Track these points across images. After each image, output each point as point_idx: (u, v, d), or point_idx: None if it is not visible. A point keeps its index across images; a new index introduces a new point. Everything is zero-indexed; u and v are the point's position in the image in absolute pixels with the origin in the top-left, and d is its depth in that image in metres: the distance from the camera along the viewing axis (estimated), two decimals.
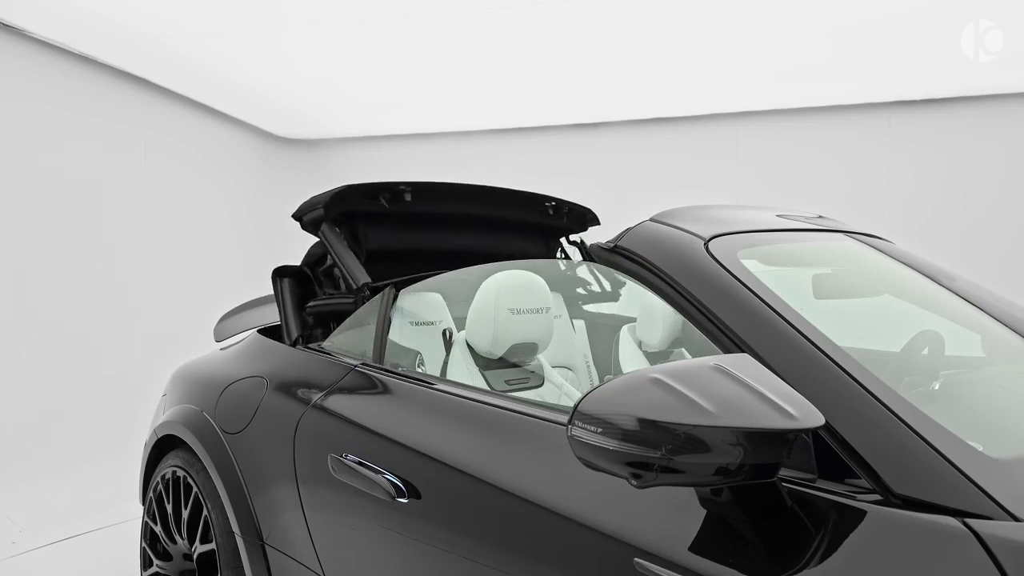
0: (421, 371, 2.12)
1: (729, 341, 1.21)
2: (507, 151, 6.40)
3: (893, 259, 1.64)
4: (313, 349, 2.17)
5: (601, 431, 0.97)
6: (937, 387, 1.48)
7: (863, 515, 0.96)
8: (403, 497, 1.50)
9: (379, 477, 1.55)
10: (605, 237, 1.57)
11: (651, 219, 1.53)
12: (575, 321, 2.81)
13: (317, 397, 1.89)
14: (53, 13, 3.86)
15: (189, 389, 2.43)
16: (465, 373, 2.06)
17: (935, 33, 4.17)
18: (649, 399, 0.96)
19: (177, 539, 2.29)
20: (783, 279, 1.35)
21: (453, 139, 6.55)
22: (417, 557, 1.49)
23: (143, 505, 2.50)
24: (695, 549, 1.04)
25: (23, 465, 4.00)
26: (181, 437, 2.27)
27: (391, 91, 5.33)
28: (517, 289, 2.09)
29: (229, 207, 6.05)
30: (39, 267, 4.17)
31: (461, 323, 2.23)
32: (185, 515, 2.21)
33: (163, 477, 2.34)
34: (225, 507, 2.02)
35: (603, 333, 2.88)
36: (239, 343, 2.51)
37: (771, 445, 0.94)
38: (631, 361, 2.71)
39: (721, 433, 0.92)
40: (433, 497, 1.47)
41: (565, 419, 1.19)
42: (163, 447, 2.42)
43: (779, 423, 0.91)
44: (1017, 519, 0.89)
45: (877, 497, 0.98)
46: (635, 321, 2.79)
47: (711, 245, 1.38)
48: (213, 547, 2.06)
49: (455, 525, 1.43)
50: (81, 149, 4.49)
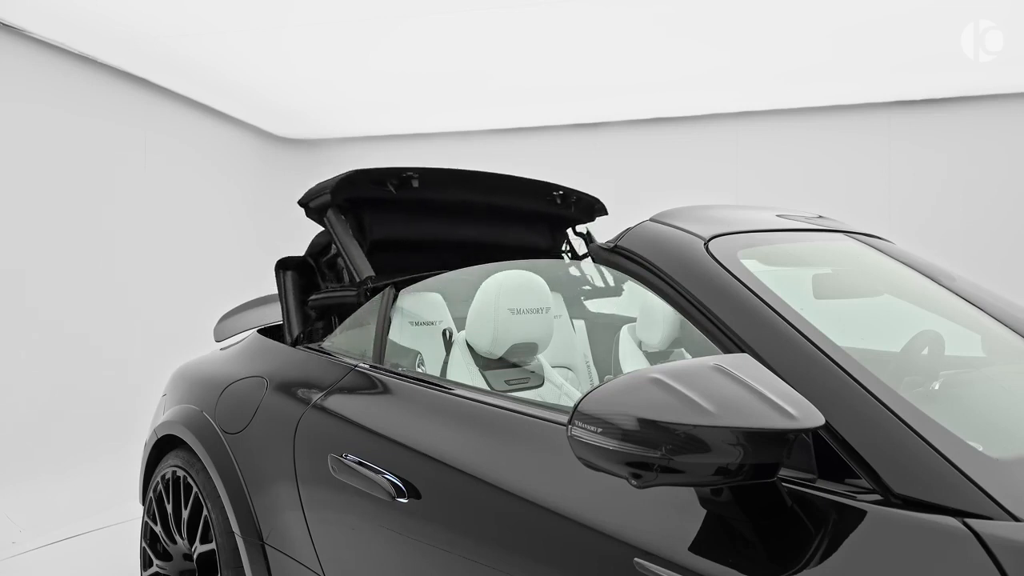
0: (421, 371, 2.12)
1: (729, 341, 1.21)
2: (507, 151, 6.40)
3: (893, 259, 1.64)
4: (313, 349, 2.17)
5: (601, 431, 0.97)
6: (937, 387, 1.48)
7: (863, 515, 0.96)
8: (403, 497, 1.50)
9: (379, 477, 1.55)
10: (608, 233, 1.56)
11: (651, 219, 1.53)
12: (575, 321, 2.81)
13: (317, 397, 1.89)
14: (53, 13, 3.86)
15: (189, 389, 2.43)
16: (465, 373, 2.06)
17: (935, 33, 4.17)
18: (649, 399, 0.96)
19: (177, 539, 2.29)
20: (783, 279, 1.35)
21: (453, 139, 6.55)
22: (417, 557, 1.49)
23: (143, 505, 2.50)
24: (695, 549, 1.04)
25: (23, 465, 4.00)
26: (181, 437, 2.27)
27: (391, 91, 5.33)
28: (517, 289, 2.09)
29: (229, 207, 6.05)
30: (39, 267, 4.17)
31: (461, 323, 2.23)
32: (185, 515, 2.21)
33: (163, 477, 2.34)
34: (225, 507, 2.02)
35: (603, 333, 2.88)
36: (239, 343, 2.51)
37: (771, 445, 0.94)
38: (631, 361, 2.71)
39: (721, 433, 0.92)
40: (433, 497, 1.47)
41: (565, 419, 1.19)
42: (163, 447, 2.42)
43: (779, 423, 0.91)
44: (1017, 519, 0.89)
45: (877, 497, 0.98)
46: (635, 321, 2.79)
47: (711, 245, 1.38)
48: (213, 547, 2.06)
49: (455, 525, 1.43)
50: (81, 149, 4.49)
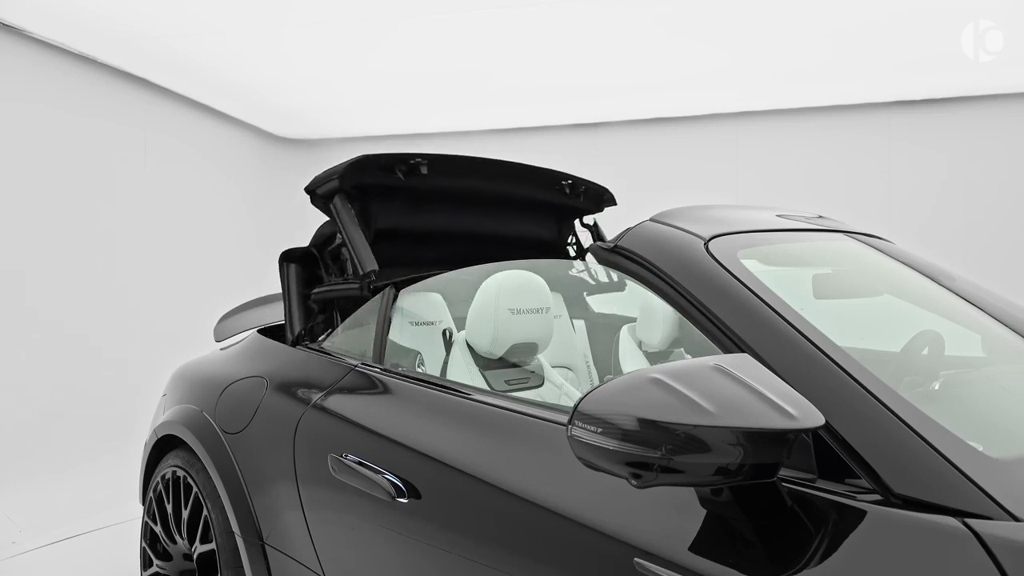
0: (421, 371, 2.12)
1: (729, 341, 1.21)
2: (507, 151, 6.37)
3: (893, 259, 1.64)
4: (313, 349, 2.17)
5: (601, 431, 0.97)
6: (937, 387, 1.48)
7: (863, 515, 0.96)
8: (403, 497, 1.50)
9: (379, 477, 1.55)
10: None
11: (651, 219, 1.53)
12: (575, 321, 2.81)
13: (317, 397, 1.89)
14: (53, 13, 3.86)
15: (189, 389, 2.43)
16: (465, 373, 2.06)
17: (935, 33, 4.17)
18: (649, 399, 0.96)
19: (177, 539, 2.29)
20: (783, 279, 1.35)
21: (453, 139, 6.55)
22: (417, 557, 1.49)
23: (143, 505, 2.50)
24: (695, 549, 1.04)
25: (23, 465, 4.00)
26: (181, 437, 2.27)
27: (391, 91, 5.33)
28: (517, 289, 2.09)
29: (229, 207, 6.05)
30: (39, 267, 4.17)
31: (461, 323, 2.23)
32: (185, 515, 2.21)
33: (163, 477, 2.34)
34: (225, 507, 2.02)
35: (603, 333, 2.88)
36: (239, 343, 2.51)
37: (771, 445, 0.94)
38: (631, 361, 2.71)
39: (721, 433, 0.92)
40: (433, 497, 1.47)
41: (565, 419, 1.19)
42: (163, 447, 2.42)
43: (779, 423, 0.91)
44: (1017, 519, 0.89)
45: (877, 497, 0.98)
46: (635, 321, 2.79)
47: (711, 245, 1.38)
48: (213, 547, 2.06)
49: (455, 525, 1.43)
50: (81, 149, 4.49)
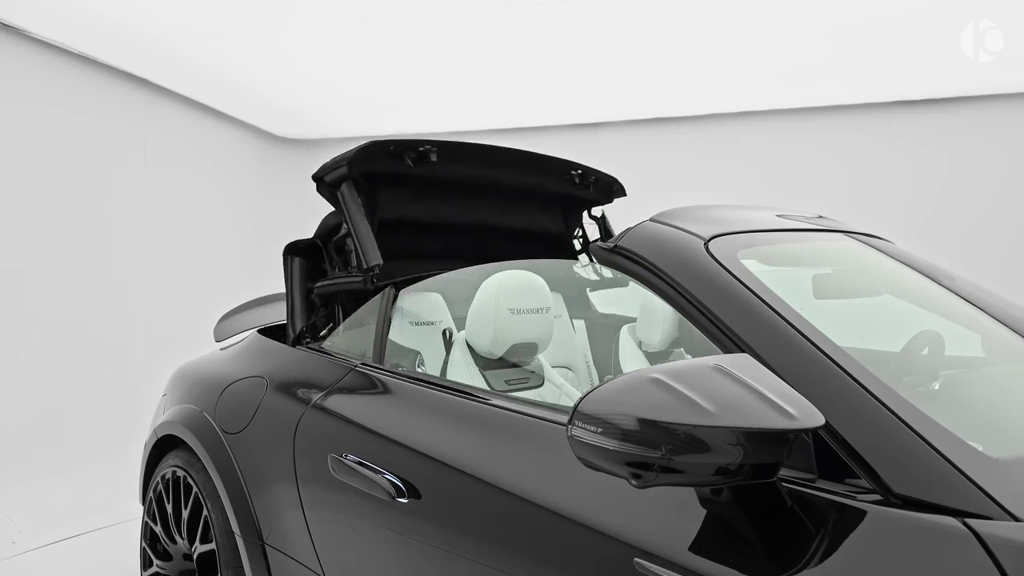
0: (421, 371, 2.12)
1: (729, 341, 1.21)
2: None
3: (893, 259, 1.64)
4: (313, 349, 2.17)
5: (601, 431, 0.97)
6: (937, 387, 1.48)
7: (863, 515, 0.96)
8: (403, 497, 1.50)
9: (379, 477, 1.55)
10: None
11: (651, 219, 1.52)
12: (575, 321, 2.81)
13: (317, 397, 1.89)
14: (53, 13, 3.86)
15: (189, 389, 2.43)
16: (465, 373, 2.06)
17: (935, 33, 4.17)
18: (649, 399, 0.96)
19: (177, 539, 2.29)
20: (783, 279, 1.35)
21: (453, 139, 6.54)
22: (417, 557, 1.49)
23: (143, 505, 2.50)
24: (695, 549, 1.04)
25: (23, 465, 4.00)
26: (181, 437, 2.27)
27: (391, 91, 5.33)
28: (517, 289, 2.09)
29: (229, 207, 6.05)
30: (39, 267, 4.17)
31: (461, 323, 2.23)
32: (185, 515, 2.21)
33: (163, 477, 2.34)
34: (225, 507, 2.02)
35: (603, 333, 2.88)
36: (239, 343, 2.51)
37: (771, 445, 0.94)
38: (631, 361, 2.71)
39: (721, 433, 0.92)
40: (433, 497, 1.47)
41: (565, 419, 1.19)
42: (163, 447, 2.42)
43: (779, 423, 0.91)
44: (1017, 519, 0.89)
45: (877, 497, 0.98)
46: (635, 321, 2.79)
47: (711, 245, 1.38)
48: (213, 547, 2.06)
49: (455, 525, 1.43)
50: (81, 149, 4.49)
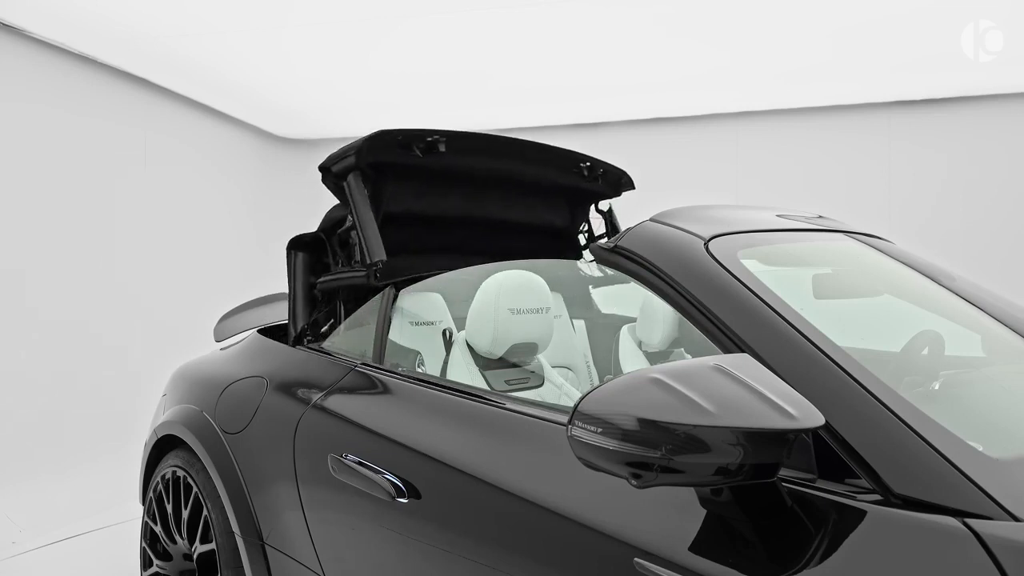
0: (421, 371, 2.12)
1: (729, 341, 1.21)
2: None
3: (893, 259, 1.64)
4: (313, 349, 2.17)
5: (601, 431, 0.97)
6: (937, 387, 1.48)
7: (863, 515, 0.96)
8: (403, 497, 1.50)
9: (379, 477, 1.55)
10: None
11: (651, 219, 1.53)
12: (575, 321, 2.81)
13: (317, 397, 1.89)
14: (53, 13, 3.86)
15: (189, 389, 2.43)
16: (465, 373, 2.06)
17: (935, 33, 4.17)
18: (649, 399, 0.96)
19: (177, 539, 2.29)
20: (783, 279, 1.35)
21: None
22: (417, 557, 1.49)
23: (143, 505, 2.50)
24: (695, 549, 1.04)
25: (23, 465, 4.00)
26: (181, 437, 2.27)
27: (391, 91, 5.33)
28: (517, 289, 2.09)
29: (229, 207, 6.05)
30: (39, 267, 4.17)
31: (461, 323, 2.23)
32: (185, 515, 2.21)
33: (163, 477, 2.34)
34: (225, 507, 2.02)
35: (603, 333, 2.88)
36: (239, 343, 2.51)
37: (771, 445, 0.94)
38: (631, 361, 2.71)
39: (721, 433, 0.92)
40: (433, 497, 1.47)
41: (565, 419, 1.19)
42: (163, 447, 2.42)
43: (779, 423, 0.91)
44: (1017, 519, 0.89)
45: (877, 497, 0.98)
46: (635, 321, 2.79)
47: (711, 245, 1.38)
48: (213, 547, 2.06)
49: (455, 525, 1.43)
50: (81, 150, 4.49)
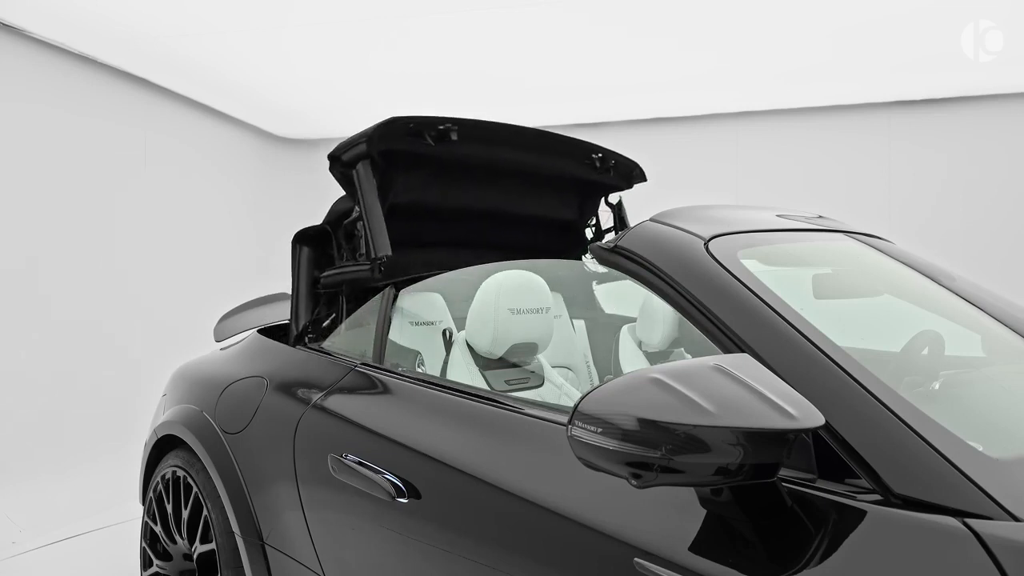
0: (421, 371, 2.12)
1: (729, 341, 1.21)
2: None
3: (893, 259, 1.64)
4: (313, 349, 2.17)
5: (601, 431, 0.97)
6: (937, 387, 1.47)
7: (863, 515, 0.96)
8: (403, 497, 1.50)
9: (379, 477, 1.55)
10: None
11: (651, 219, 1.53)
12: (575, 321, 2.81)
13: (317, 397, 1.89)
14: (53, 13, 3.86)
15: (189, 389, 2.43)
16: (465, 373, 2.06)
17: (935, 33, 4.17)
18: (649, 399, 0.96)
19: (177, 539, 2.29)
20: (783, 279, 1.35)
21: None
22: (417, 557, 1.49)
23: (143, 505, 2.50)
24: (695, 549, 1.04)
25: (23, 465, 4.00)
26: (181, 437, 2.27)
27: (391, 91, 5.33)
28: (517, 289, 2.09)
29: (229, 207, 6.05)
30: (39, 268, 4.17)
31: (461, 323, 2.23)
32: (185, 515, 2.21)
33: (163, 477, 2.34)
34: (225, 507, 2.02)
35: (603, 333, 2.88)
36: (239, 343, 2.51)
37: (771, 445, 0.94)
38: (631, 361, 2.71)
39: (721, 433, 0.92)
40: (433, 497, 1.47)
41: (565, 419, 1.19)
42: (163, 447, 2.42)
43: (779, 423, 0.91)
44: (1017, 519, 0.89)
45: (877, 497, 0.98)
46: (635, 321, 2.79)
47: (711, 245, 1.38)
48: (213, 547, 2.06)
49: (455, 525, 1.43)
50: (81, 150, 4.49)
